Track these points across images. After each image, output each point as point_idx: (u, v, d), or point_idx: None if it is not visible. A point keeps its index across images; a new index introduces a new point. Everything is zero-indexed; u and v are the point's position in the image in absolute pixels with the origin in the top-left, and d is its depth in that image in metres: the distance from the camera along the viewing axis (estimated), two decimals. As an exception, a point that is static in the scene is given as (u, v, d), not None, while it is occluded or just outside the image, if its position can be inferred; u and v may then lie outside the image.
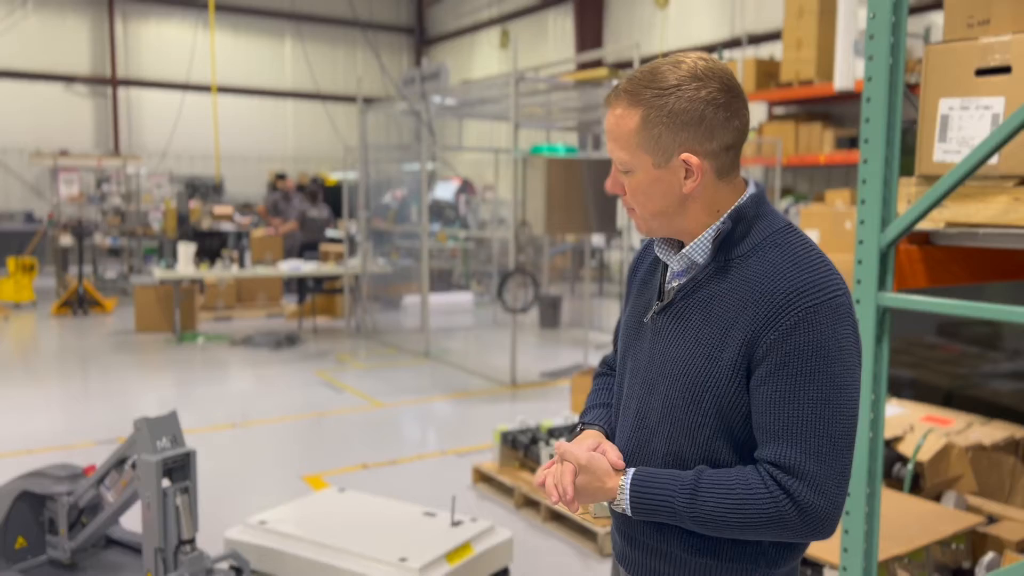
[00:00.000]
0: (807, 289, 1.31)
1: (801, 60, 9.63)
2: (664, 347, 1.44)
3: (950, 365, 4.61)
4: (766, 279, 1.34)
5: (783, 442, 1.31)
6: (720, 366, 1.36)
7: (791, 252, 1.36)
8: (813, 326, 1.30)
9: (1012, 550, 2.97)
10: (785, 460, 1.30)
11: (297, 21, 19.01)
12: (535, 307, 10.00)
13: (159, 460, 2.83)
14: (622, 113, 1.38)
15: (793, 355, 1.30)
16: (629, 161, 1.39)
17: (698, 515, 1.34)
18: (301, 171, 18.74)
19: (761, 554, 1.41)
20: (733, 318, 1.35)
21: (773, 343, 1.31)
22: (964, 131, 2.08)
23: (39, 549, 3.34)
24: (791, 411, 1.31)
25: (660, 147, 1.35)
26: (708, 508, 1.33)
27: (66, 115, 17.51)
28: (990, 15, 2.07)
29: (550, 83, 8.00)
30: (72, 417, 6.28)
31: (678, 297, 1.43)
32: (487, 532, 3.52)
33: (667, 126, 1.34)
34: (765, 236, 1.39)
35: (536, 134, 13.01)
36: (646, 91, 1.35)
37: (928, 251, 2.27)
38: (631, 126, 1.36)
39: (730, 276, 1.38)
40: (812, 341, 1.30)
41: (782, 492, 1.30)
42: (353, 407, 6.62)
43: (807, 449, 1.30)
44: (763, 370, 1.32)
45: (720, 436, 1.38)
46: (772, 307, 1.32)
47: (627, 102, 1.37)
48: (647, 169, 1.38)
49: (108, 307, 11.05)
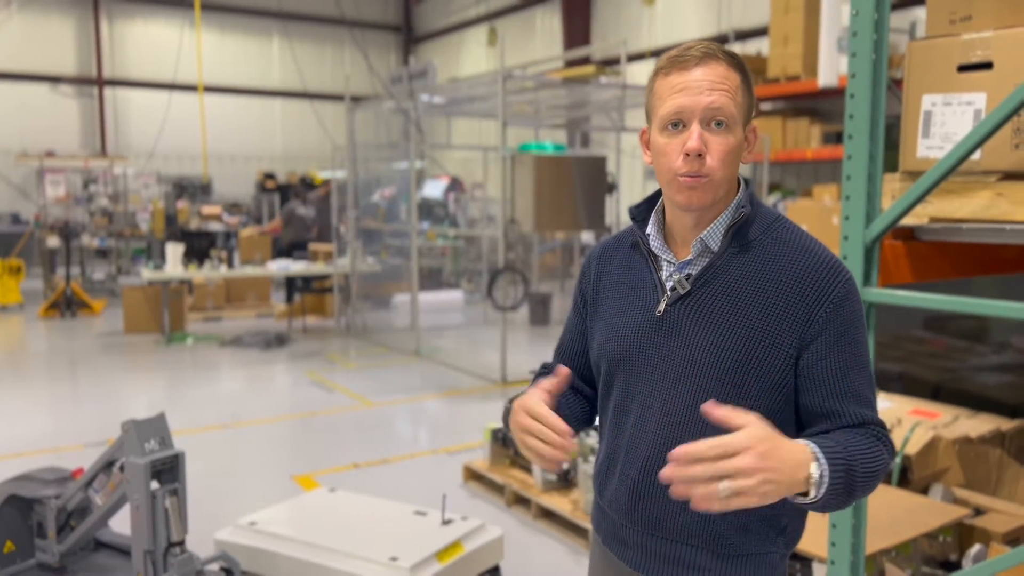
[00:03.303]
0: (839, 264, 1.40)
1: (788, 56, 9.65)
2: (687, 339, 1.42)
3: (937, 359, 4.64)
4: (800, 258, 1.40)
5: (860, 404, 1.38)
6: (765, 345, 1.37)
7: (803, 233, 1.44)
8: (853, 296, 1.40)
9: (998, 542, 3.00)
10: (869, 419, 1.38)
11: (284, 20, 18.94)
12: (525, 304, 10.01)
13: (147, 462, 2.82)
14: (727, 70, 1.38)
15: (847, 324, 1.38)
16: (735, 115, 1.38)
17: (861, 475, 1.30)
18: (289, 170, 18.71)
19: (782, 530, 1.45)
20: (773, 299, 1.38)
21: (829, 316, 1.37)
22: (947, 127, 2.10)
23: (28, 553, 3.33)
24: (855, 376, 1.39)
25: (746, 112, 1.41)
26: (864, 465, 1.31)
27: (52, 116, 17.41)
28: (972, 11, 2.09)
29: (538, 81, 8.00)
30: (60, 420, 6.25)
31: (696, 286, 1.42)
32: (478, 530, 3.52)
33: (750, 95, 1.41)
34: (771, 221, 1.45)
35: (524, 132, 13.02)
36: (736, 60, 1.39)
37: (913, 246, 2.28)
38: (737, 83, 1.38)
39: (752, 257, 1.41)
40: (856, 310, 1.40)
41: (882, 442, 1.37)
42: (343, 406, 6.62)
43: (870, 404, 1.40)
44: (822, 343, 1.37)
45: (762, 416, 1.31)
46: (819, 282, 1.38)
47: (728, 63, 1.38)
48: (739, 130, 1.39)
49: (96, 309, 11.00)
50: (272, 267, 9.85)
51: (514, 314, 9.61)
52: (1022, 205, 1.97)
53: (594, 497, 1.63)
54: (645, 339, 1.47)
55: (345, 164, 10.12)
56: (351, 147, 9.93)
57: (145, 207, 13.76)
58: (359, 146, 10.33)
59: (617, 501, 1.52)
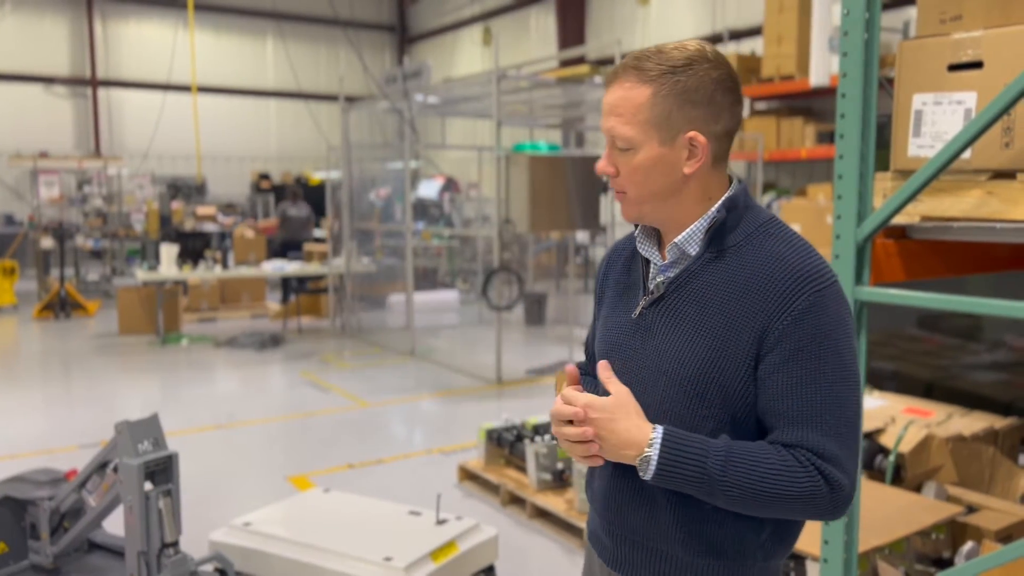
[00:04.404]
0: (812, 274, 1.32)
1: (782, 55, 9.68)
2: (657, 343, 1.41)
3: (931, 357, 4.66)
4: (768, 265, 1.34)
5: (805, 427, 1.30)
6: (726, 355, 1.34)
7: (786, 240, 1.38)
8: (822, 310, 1.31)
9: (991, 539, 3.01)
10: (811, 444, 1.29)
11: (278, 20, 18.92)
12: (520, 304, 10.01)
13: (141, 463, 2.82)
14: (631, 87, 1.35)
15: (807, 339, 1.30)
16: (634, 137, 1.36)
17: (729, 482, 1.28)
18: (284, 170, 18.68)
19: (760, 547, 1.40)
20: (737, 306, 1.34)
21: (786, 329, 1.31)
22: (937, 126, 2.10)
23: (21, 554, 3.32)
24: (810, 396, 1.30)
25: (669, 124, 1.34)
26: (741, 475, 1.28)
27: (46, 116, 17.35)
28: (962, 11, 2.09)
29: (532, 81, 8.01)
30: (54, 421, 6.24)
31: (669, 290, 1.41)
32: (472, 530, 3.52)
33: (678, 103, 1.33)
34: (756, 226, 1.40)
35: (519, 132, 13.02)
36: (657, 68, 1.34)
37: (904, 245, 2.28)
38: (640, 101, 1.34)
39: (726, 265, 1.37)
40: (823, 325, 1.31)
41: (816, 471, 1.28)
42: (338, 407, 6.61)
43: (828, 432, 1.30)
44: (776, 356, 1.31)
45: (725, 429, 1.35)
46: (781, 293, 1.31)
47: (636, 78, 1.35)
48: (652, 146, 1.35)
49: (90, 310, 10.97)
50: (267, 267, 9.84)
51: (509, 314, 9.62)
52: (1012, 203, 1.98)
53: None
54: (624, 339, 1.48)
55: (340, 164, 10.11)
56: (346, 147, 9.92)
57: (139, 208, 13.72)
58: (354, 146, 10.32)
59: (596, 499, 1.54)
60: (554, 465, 4.35)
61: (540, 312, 10.47)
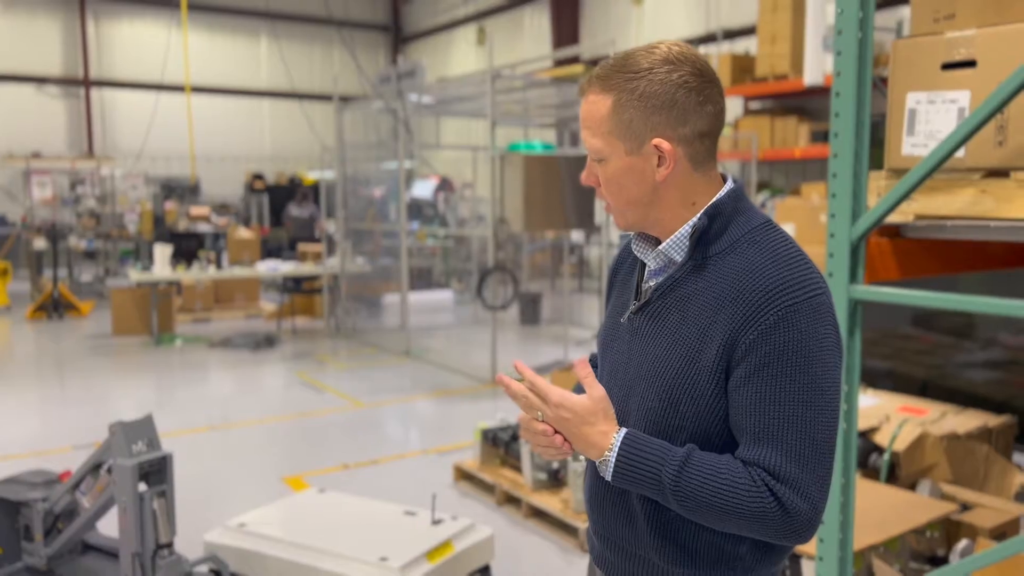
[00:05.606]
0: (786, 287, 1.27)
1: (776, 55, 9.69)
2: (642, 348, 1.40)
3: (925, 355, 4.67)
4: (744, 277, 1.30)
5: (764, 445, 1.27)
6: (698, 367, 1.32)
7: (770, 249, 1.33)
8: (793, 325, 1.26)
9: (985, 537, 3.02)
10: (768, 463, 1.26)
11: (272, 20, 18.87)
12: (515, 304, 10.02)
13: (135, 464, 2.81)
14: (595, 99, 1.35)
15: (773, 355, 1.26)
16: (602, 149, 1.35)
17: (682, 491, 1.27)
18: (278, 171, 18.64)
19: (739, 559, 1.37)
20: (711, 317, 1.31)
21: (752, 343, 1.27)
22: (931, 125, 2.11)
23: (15, 556, 3.31)
24: (772, 413, 1.26)
25: (632, 132, 1.33)
26: (694, 486, 1.27)
27: (38, 117, 17.29)
28: (955, 10, 2.10)
29: (527, 80, 8.01)
30: (47, 422, 6.22)
31: (655, 296, 1.40)
32: (468, 530, 3.52)
33: (639, 110, 1.31)
34: (743, 233, 1.35)
35: (514, 131, 13.02)
36: (618, 76, 1.32)
37: (899, 244, 2.29)
38: (603, 112, 1.34)
39: (707, 274, 1.34)
40: (792, 341, 1.26)
41: (768, 491, 1.25)
42: (334, 407, 6.60)
43: (789, 453, 1.26)
44: (742, 371, 1.28)
45: (698, 439, 1.33)
46: (751, 306, 1.28)
47: (599, 88, 1.35)
48: (620, 156, 1.34)
49: (84, 311, 10.94)
50: (261, 268, 9.82)
51: (504, 314, 9.62)
52: (1006, 202, 1.98)
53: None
54: (615, 341, 1.49)
55: (334, 164, 10.09)
56: (340, 147, 9.90)
57: (133, 208, 13.68)
58: (348, 146, 10.30)
59: (585, 498, 1.55)
60: (549, 465, 4.35)
61: (535, 312, 10.48)
